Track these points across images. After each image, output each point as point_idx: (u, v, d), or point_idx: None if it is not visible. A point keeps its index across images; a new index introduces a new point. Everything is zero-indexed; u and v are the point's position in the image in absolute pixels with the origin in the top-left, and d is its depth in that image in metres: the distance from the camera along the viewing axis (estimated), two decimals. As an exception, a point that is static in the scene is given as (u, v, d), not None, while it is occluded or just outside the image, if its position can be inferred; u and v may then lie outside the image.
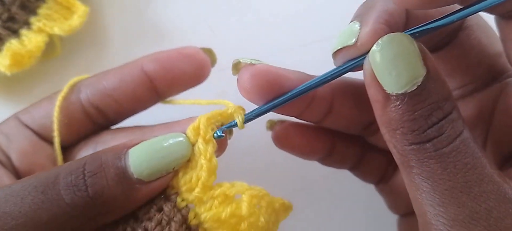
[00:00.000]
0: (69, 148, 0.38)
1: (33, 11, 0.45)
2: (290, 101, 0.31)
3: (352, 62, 0.29)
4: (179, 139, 0.31)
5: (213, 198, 0.30)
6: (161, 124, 0.36)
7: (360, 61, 0.29)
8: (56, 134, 0.36)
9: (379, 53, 0.27)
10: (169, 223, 0.29)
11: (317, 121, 0.36)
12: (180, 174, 0.31)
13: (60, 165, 0.37)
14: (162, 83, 0.37)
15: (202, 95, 0.39)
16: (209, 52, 0.38)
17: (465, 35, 0.34)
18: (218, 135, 0.31)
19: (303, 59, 0.46)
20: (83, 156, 0.36)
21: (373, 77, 0.27)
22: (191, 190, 0.30)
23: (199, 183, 0.30)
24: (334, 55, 0.30)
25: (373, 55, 0.27)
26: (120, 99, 0.37)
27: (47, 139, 0.37)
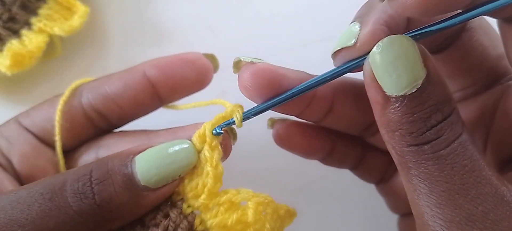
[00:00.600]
0: (70, 152, 0.38)
1: (33, 12, 0.45)
2: (290, 101, 0.31)
3: (352, 62, 0.29)
4: (185, 146, 0.31)
5: (219, 204, 0.30)
6: (165, 129, 0.36)
7: (360, 62, 0.29)
8: (58, 138, 0.36)
9: (379, 55, 0.27)
10: (175, 229, 0.29)
11: (317, 120, 0.36)
12: (186, 181, 0.31)
13: (65, 170, 0.37)
14: (164, 89, 0.37)
15: (202, 95, 0.39)
16: (211, 58, 0.38)
17: (467, 37, 0.34)
18: (216, 131, 0.31)
19: (303, 59, 0.46)
20: (85, 160, 0.37)
21: (373, 79, 0.27)
22: (197, 196, 0.31)
23: (205, 190, 0.30)
24: (334, 56, 0.30)
25: (373, 56, 0.27)
26: (122, 104, 0.37)
27: (48, 143, 0.37)
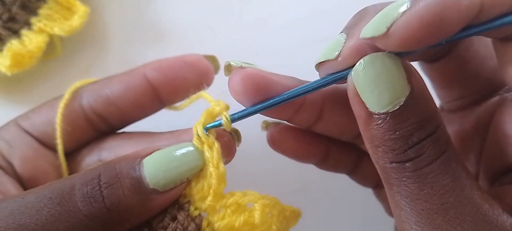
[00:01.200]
0: (71, 154, 0.38)
1: (33, 12, 0.45)
2: (277, 106, 0.31)
3: (338, 74, 0.29)
4: (192, 149, 0.31)
5: (226, 206, 0.31)
6: (169, 132, 0.36)
7: (345, 74, 0.28)
8: (59, 142, 0.36)
9: (362, 73, 0.27)
10: None
11: (307, 126, 0.36)
12: (193, 183, 0.31)
13: (67, 174, 0.37)
14: (165, 91, 0.37)
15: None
16: (212, 59, 0.38)
17: (464, 46, 0.33)
18: (207, 129, 0.31)
19: (303, 59, 0.45)
20: (88, 162, 0.37)
21: (356, 94, 0.27)
22: (203, 198, 0.31)
23: (211, 191, 0.31)
24: (317, 68, 0.30)
25: (356, 73, 0.27)
26: (123, 107, 0.37)
27: (48, 145, 0.37)
